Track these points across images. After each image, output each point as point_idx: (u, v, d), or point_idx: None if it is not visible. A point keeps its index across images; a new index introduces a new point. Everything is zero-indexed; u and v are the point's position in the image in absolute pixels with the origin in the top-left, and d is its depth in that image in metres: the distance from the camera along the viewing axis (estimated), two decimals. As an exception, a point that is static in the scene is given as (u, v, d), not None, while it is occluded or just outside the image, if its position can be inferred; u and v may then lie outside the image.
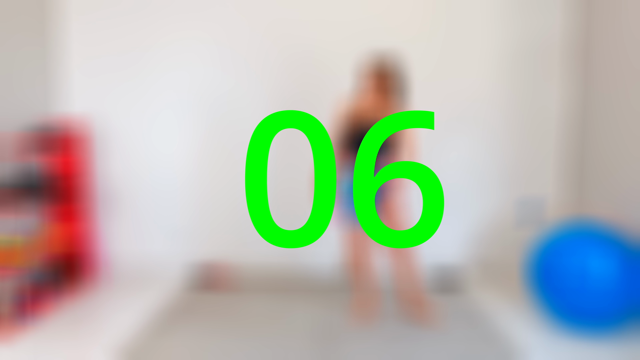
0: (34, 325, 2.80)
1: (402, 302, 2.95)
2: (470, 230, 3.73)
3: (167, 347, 2.51)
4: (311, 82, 3.65)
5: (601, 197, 3.23)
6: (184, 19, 3.62)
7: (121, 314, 2.96)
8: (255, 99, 3.67)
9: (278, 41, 3.63)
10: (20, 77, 3.28)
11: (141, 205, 3.76)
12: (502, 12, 3.59)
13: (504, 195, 3.70)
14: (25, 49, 3.33)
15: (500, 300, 3.18)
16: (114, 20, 3.65)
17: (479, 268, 3.73)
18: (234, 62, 3.66)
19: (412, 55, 3.54)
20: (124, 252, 3.79)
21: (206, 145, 3.72)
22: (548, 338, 2.62)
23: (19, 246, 3.09)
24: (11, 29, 3.20)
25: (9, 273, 2.78)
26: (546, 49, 3.60)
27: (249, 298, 3.22)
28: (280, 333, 2.67)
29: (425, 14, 3.60)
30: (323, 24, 3.61)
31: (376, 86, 2.72)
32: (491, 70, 3.62)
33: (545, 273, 2.71)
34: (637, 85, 2.90)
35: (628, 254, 2.58)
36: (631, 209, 2.92)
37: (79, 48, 3.67)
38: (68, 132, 3.43)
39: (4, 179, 3.09)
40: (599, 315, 2.58)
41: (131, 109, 3.71)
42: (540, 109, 3.64)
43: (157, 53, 3.66)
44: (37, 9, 3.44)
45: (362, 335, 2.64)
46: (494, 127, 3.66)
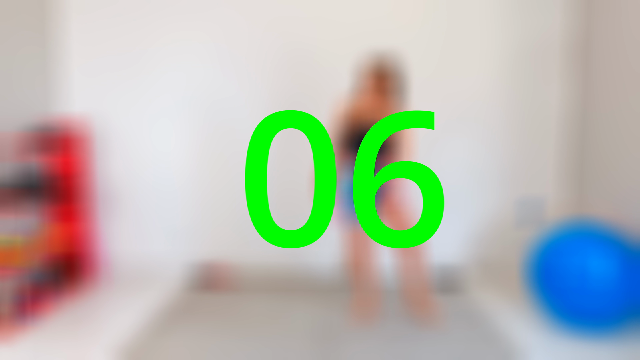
0: (34, 325, 2.79)
1: (407, 301, 2.94)
2: (470, 230, 3.73)
3: (167, 347, 2.51)
4: (310, 82, 3.65)
5: (601, 197, 3.23)
6: (184, 19, 3.62)
7: (121, 314, 2.96)
8: (255, 99, 3.67)
9: (277, 40, 3.63)
10: (20, 77, 3.28)
11: (141, 205, 3.76)
12: (502, 13, 3.59)
13: (504, 195, 3.70)
14: (25, 49, 3.33)
15: (500, 300, 3.18)
16: (114, 20, 3.65)
17: (479, 268, 3.73)
18: (233, 62, 3.66)
19: (413, 55, 3.54)
20: (124, 252, 3.79)
21: (206, 144, 3.72)
22: (548, 338, 2.62)
23: (19, 246, 3.09)
24: (11, 29, 3.20)
25: (9, 273, 2.78)
26: (546, 49, 3.60)
27: (249, 298, 3.22)
28: (280, 333, 2.67)
29: (425, 14, 3.60)
30: (323, 23, 3.61)
31: (375, 87, 2.72)
32: (491, 71, 3.62)
33: (545, 273, 2.71)
34: (637, 85, 2.90)
35: (628, 254, 2.58)
36: (631, 208, 2.92)
37: (78, 48, 3.68)
38: (68, 132, 3.43)
39: (4, 179, 3.09)
40: (599, 315, 2.58)
41: (131, 109, 3.71)
42: (540, 109, 3.64)
43: (157, 53, 3.66)
44: (37, 9, 3.44)
45: (362, 335, 2.64)
46: (494, 127, 3.66)
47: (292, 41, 3.63)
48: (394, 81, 2.73)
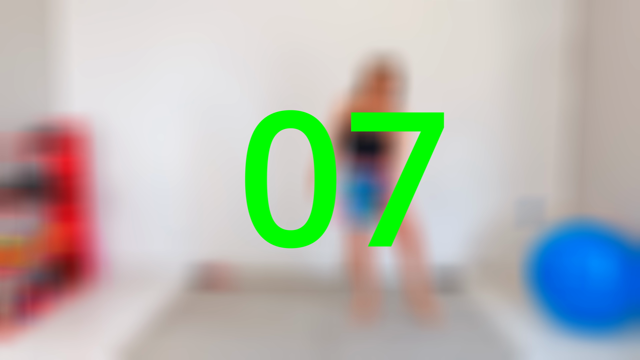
0: (34, 325, 2.79)
1: (408, 301, 2.93)
2: (470, 230, 3.73)
3: (167, 347, 2.51)
4: (308, 83, 3.65)
5: (601, 197, 3.23)
6: (183, 21, 3.62)
7: (121, 314, 2.95)
8: (254, 99, 3.67)
9: (277, 41, 3.63)
10: (21, 78, 3.28)
11: (141, 205, 3.76)
12: (503, 13, 3.58)
13: (504, 195, 3.70)
14: (25, 50, 3.33)
15: (500, 300, 3.18)
16: (114, 21, 3.65)
17: (479, 268, 3.73)
18: (232, 63, 3.66)
19: (414, 56, 3.55)
20: (124, 252, 3.79)
21: (205, 144, 3.72)
22: (548, 338, 2.61)
23: (19, 246, 3.09)
24: (11, 30, 3.20)
25: (9, 273, 2.78)
26: (546, 49, 3.60)
27: (249, 298, 3.22)
28: (280, 333, 2.67)
29: (426, 14, 3.60)
30: (321, 24, 3.61)
31: (376, 87, 2.72)
32: (492, 71, 3.62)
33: (545, 273, 2.71)
34: (637, 85, 2.90)
35: (628, 254, 2.58)
36: (631, 208, 2.92)
37: (78, 49, 3.68)
38: (68, 132, 3.43)
39: (4, 178, 3.09)
40: (599, 315, 2.58)
41: (131, 109, 3.71)
42: (540, 109, 3.64)
43: (156, 54, 3.66)
44: (37, 10, 3.44)
45: (362, 335, 2.64)
46: (494, 127, 3.66)
47: (290, 42, 3.63)
48: (395, 82, 2.72)
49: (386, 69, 2.71)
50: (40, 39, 3.47)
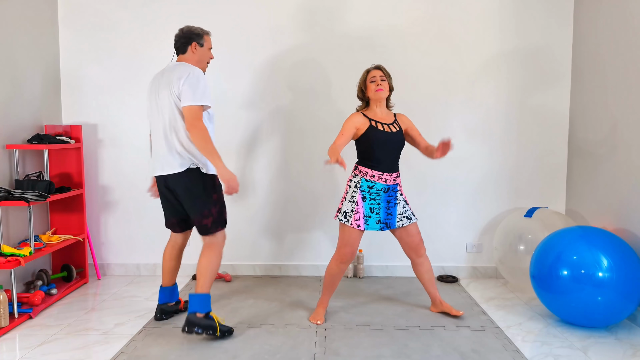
0: (33, 324, 2.79)
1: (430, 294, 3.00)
2: (471, 231, 3.74)
3: (167, 348, 2.50)
4: (307, 85, 3.66)
5: (604, 209, 3.19)
6: (174, 29, 3.59)
7: (120, 315, 2.95)
8: (249, 105, 3.67)
9: (276, 45, 3.64)
10: (15, 87, 3.24)
11: (135, 210, 3.75)
12: (503, 14, 3.61)
13: (506, 199, 3.72)
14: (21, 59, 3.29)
15: (500, 300, 3.19)
16: (106, 29, 3.64)
17: (479, 269, 3.74)
18: (228, 69, 3.65)
19: (416, 59, 3.60)
20: (123, 252, 3.78)
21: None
22: (548, 337, 2.62)
23: (19, 247, 3.09)
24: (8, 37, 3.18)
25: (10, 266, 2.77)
26: (547, 54, 3.62)
27: (247, 298, 3.22)
28: (279, 333, 2.67)
29: (427, 17, 3.62)
30: (321, 28, 3.63)
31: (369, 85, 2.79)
32: (493, 75, 3.64)
33: (545, 273, 2.72)
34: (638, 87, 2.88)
35: (628, 254, 2.60)
36: (634, 220, 2.88)
37: (71, 57, 3.67)
38: (62, 141, 3.40)
39: (3, 186, 3.10)
40: (599, 316, 2.59)
41: (124, 117, 3.70)
42: (541, 117, 3.66)
43: (149, 63, 3.65)
44: (33, 18, 3.40)
45: (362, 334, 2.64)
46: (497, 133, 3.68)
47: (288, 45, 3.64)
48: (383, 71, 2.81)
49: (371, 67, 2.84)
50: (35, 48, 3.40)
